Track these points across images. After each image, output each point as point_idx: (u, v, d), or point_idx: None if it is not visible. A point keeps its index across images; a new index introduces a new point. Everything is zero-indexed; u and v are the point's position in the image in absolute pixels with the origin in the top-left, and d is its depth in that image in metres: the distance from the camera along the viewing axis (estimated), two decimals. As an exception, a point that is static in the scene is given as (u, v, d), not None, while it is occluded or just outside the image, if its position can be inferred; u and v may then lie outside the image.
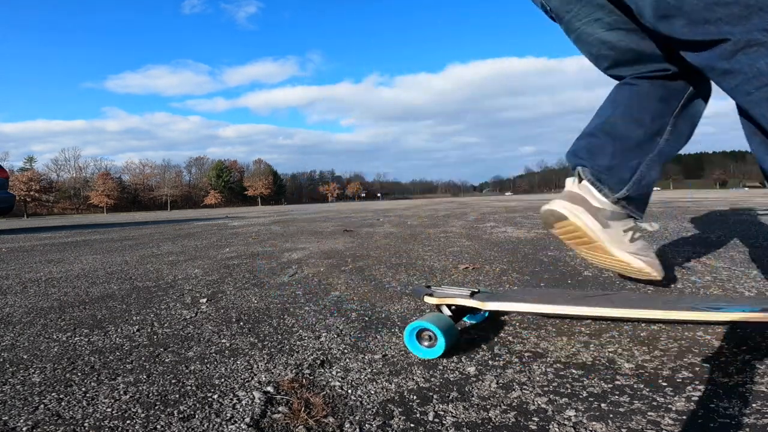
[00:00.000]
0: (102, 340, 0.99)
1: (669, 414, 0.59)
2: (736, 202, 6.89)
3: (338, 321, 1.07)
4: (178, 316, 1.17)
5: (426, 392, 0.68)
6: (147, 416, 0.63)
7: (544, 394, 0.66)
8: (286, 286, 1.51)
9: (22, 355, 0.92)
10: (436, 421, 0.59)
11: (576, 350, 0.82)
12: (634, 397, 0.64)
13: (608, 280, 1.40)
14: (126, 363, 0.85)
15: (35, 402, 0.69)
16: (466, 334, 0.93)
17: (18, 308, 1.34)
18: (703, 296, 1.16)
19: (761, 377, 0.67)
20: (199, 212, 23.40)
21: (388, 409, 0.63)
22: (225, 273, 1.83)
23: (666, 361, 0.76)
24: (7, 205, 6.16)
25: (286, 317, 1.12)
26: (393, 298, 1.27)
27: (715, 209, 5.09)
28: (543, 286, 1.36)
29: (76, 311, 1.27)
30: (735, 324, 0.93)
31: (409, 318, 1.07)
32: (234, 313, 1.17)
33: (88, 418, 0.64)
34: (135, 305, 1.31)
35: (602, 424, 0.57)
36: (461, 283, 1.45)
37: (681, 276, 1.42)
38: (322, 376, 0.75)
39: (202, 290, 1.49)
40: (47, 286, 1.71)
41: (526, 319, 1.02)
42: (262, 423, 0.60)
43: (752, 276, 1.38)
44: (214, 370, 0.80)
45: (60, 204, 74.34)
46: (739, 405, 0.60)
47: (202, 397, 0.69)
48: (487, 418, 0.59)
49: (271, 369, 0.79)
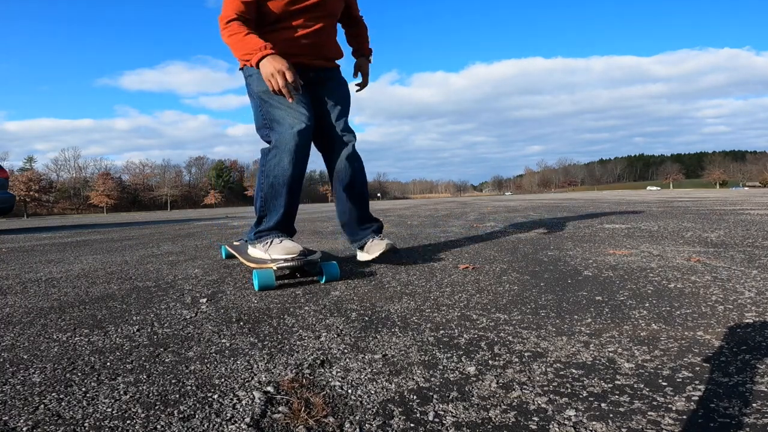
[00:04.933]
0: (102, 340, 0.99)
1: (669, 414, 0.59)
2: (736, 201, 6.90)
3: (338, 321, 1.07)
4: (178, 316, 1.17)
5: (426, 392, 0.68)
6: (147, 416, 0.63)
7: (544, 393, 0.66)
8: (286, 286, 1.51)
9: (22, 355, 0.92)
10: (436, 421, 0.59)
11: (576, 350, 0.82)
12: (634, 397, 0.64)
13: (608, 279, 1.40)
14: (126, 363, 0.85)
15: (35, 402, 0.69)
16: (467, 334, 0.93)
17: (18, 308, 1.34)
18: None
19: (761, 377, 0.67)
20: (199, 212, 23.39)
21: (388, 408, 0.63)
22: (225, 273, 1.83)
23: (666, 361, 0.76)
24: (7, 206, 6.15)
25: (286, 317, 1.12)
26: (393, 298, 1.27)
27: (714, 209, 5.09)
28: (543, 285, 1.36)
29: (76, 311, 1.27)
30: (735, 324, 0.93)
31: (410, 318, 1.07)
32: (234, 313, 1.17)
33: (88, 418, 0.64)
34: (135, 305, 1.31)
35: (602, 424, 0.57)
36: (461, 283, 1.45)
37: (681, 275, 1.42)
38: (322, 376, 0.75)
39: (202, 290, 1.49)
40: (47, 286, 1.71)
41: (526, 319, 1.02)
42: (262, 423, 0.60)
43: (752, 276, 1.38)
44: (214, 370, 0.80)
45: (60, 204, 74.30)
46: (739, 405, 0.60)
47: (202, 397, 0.69)
48: (487, 418, 0.59)
49: (271, 369, 0.79)
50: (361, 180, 1.77)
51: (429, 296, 1.28)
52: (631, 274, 1.48)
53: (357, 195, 1.77)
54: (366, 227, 1.81)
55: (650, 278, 1.40)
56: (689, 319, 0.98)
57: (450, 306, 1.16)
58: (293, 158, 1.55)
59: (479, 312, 1.10)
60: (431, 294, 1.31)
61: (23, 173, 67.50)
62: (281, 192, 1.60)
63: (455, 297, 1.26)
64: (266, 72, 1.45)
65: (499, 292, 1.30)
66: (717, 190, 50.39)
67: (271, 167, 1.59)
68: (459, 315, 1.08)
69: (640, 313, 1.03)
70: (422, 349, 0.86)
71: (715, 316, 0.99)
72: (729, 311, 1.02)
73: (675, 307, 1.08)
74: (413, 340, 0.91)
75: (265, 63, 1.46)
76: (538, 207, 7.30)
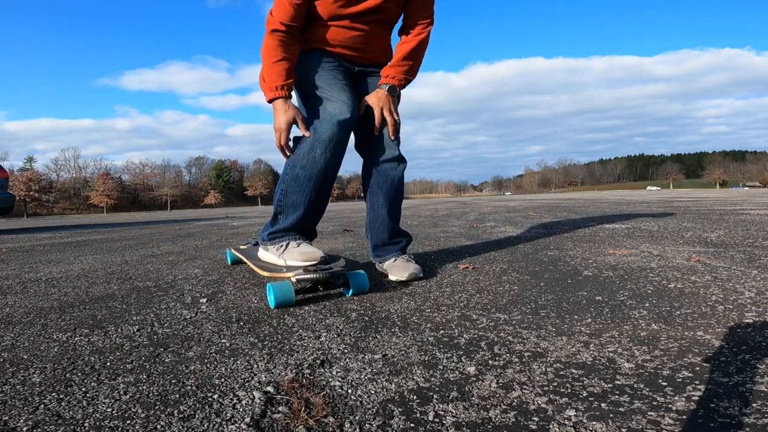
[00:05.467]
0: (102, 340, 0.99)
1: (669, 414, 0.59)
2: (736, 201, 6.90)
3: (338, 321, 1.07)
4: (178, 316, 1.17)
5: (426, 392, 0.68)
6: (147, 416, 0.63)
7: (544, 393, 0.66)
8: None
9: (22, 355, 0.92)
10: (436, 421, 0.59)
11: (576, 350, 0.82)
12: (634, 397, 0.64)
13: (608, 279, 1.40)
14: (126, 363, 0.85)
15: (35, 402, 0.69)
16: (467, 334, 0.93)
17: (18, 308, 1.34)
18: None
19: (761, 377, 0.67)
20: (198, 212, 23.40)
21: (388, 408, 0.63)
22: (225, 273, 1.83)
23: (666, 361, 0.76)
24: (7, 206, 6.15)
25: (286, 317, 1.12)
26: (393, 298, 1.27)
27: (714, 209, 5.09)
28: (543, 285, 1.36)
29: (76, 311, 1.27)
30: (735, 324, 0.93)
31: (410, 317, 1.07)
32: (234, 313, 1.17)
33: (88, 418, 0.64)
34: (135, 305, 1.31)
35: (602, 424, 0.57)
36: (461, 283, 1.45)
37: (681, 275, 1.42)
38: (322, 376, 0.75)
39: (202, 290, 1.49)
40: (47, 286, 1.71)
41: (526, 319, 1.02)
42: (262, 423, 0.60)
43: (752, 276, 1.38)
44: (214, 370, 0.80)
45: (60, 204, 74.28)
46: (739, 405, 0.60)
47: (202, 397, 0.69)
48: (487, 418, 0.59)
49: (271, 369, 0.79)
50: (399, 186, 1.59)
51: (429, 296, 1.28)
52: (631, 274, 1.48)
53: (392, 202, 1.59)
54: (394, 242, 1.64)
55: (650, 278, 1.40)
56: (689, 319, 0.98)
57: (450, 306, 1.16)
58: (327, 149, 1.40)
59: (479, 312, 1.10)
60: (431, 294, 1.31)
61: (23, 173, 67.49)
62: (306, 187, 1.43)
63: (455, 297, 1.26)
64: (275, 122, 1.41)
65: (499, 292, 1.30)
66: (717, 190, 50.40)
67: (299, 157, 1.42)
68: (459, 315, 1.08)
69: (640, 313, 1.03)
70: (422, 349, 0.86)
71: (715, 316, 0.99)
72: (729, 311, 1.02)
73: (675, 307, 1.08)
74: (413, 340, 0.91)
75: (276, 111, 1.40)
76: (538, 207, 7.31)
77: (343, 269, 1.29)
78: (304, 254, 1.36)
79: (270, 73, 1.41)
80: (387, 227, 1.60)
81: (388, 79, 1.51)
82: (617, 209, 5.68)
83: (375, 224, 1.61)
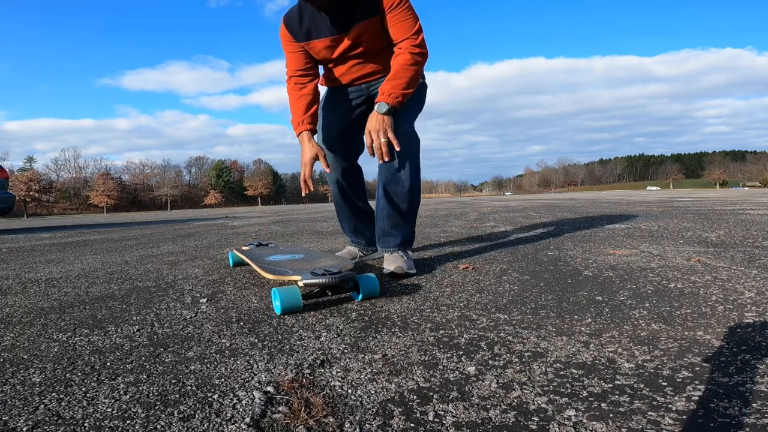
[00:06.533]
0: (102, 340, 0.99)
1: (669, 414, 0.59)
2: (736, 201, 6.90)
3: (338, 321, 1.07)
4: (178, 316, 1.17)
5: (426, 392, 0.68)
6: (147, 416, 0.63)
7: (544, 393, 0.66)
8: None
9: (22, 355, 0.92)
10: (436, 421, 0.59)
11: (576, 350, 0.82)
12: (634, 397, 0.64)
13: (608, 279, 1.40)
14: (126, 363, 0.85)
15: (35, 402, 0.69)
16: (467, 334, 0.93)
17: (18, 308, 1.34)
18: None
19: (761, 377, 0.67)
20: (199, 212, 23.40)
21: (388, 409, 0.63)
22: (225, 273, 1.83)
23: (666, 361, 0.76)
24: (7, 206, 6.15)
25: (285, 317, 1.12)
26: (393, 298, 1.27)
27: (714, 209, 5.09)
28: (543, 285, 1.36)
29: (76, 311, 1.27)
30: (735, 324, 0.93)
31: (410, 318, 1.07)
32: (234, 313, 1.17)
33: (88, 418, 0.64)
34: (135, 305, 1.31)
35: (602, 424, 0.57)
36: (461, 283, 1.45)
37: (681, 275, 1.42)
38: (322, 376, 0.75)
39: (202, 290, 1.49)
40: (47, 286, 1.71)
41: (526, 319, 1.02)
42: (262, 423, 0.60)
43: (752, 276, 1.38)
44: (214, 370, 0.80)
45: (60, 204, 74.29)
46: (739, 405, 0.60)
47: (202, 397, 0.69)
48: (487, 418, 0.59)
49: (271, 369, 0.79)
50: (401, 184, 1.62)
51: (429, 296, 1.28)
52: (631, 274, 1.48)
53: (394, 194, 1.64)
54: (394, 234, 1.69)
55: (650, 278, 1.40)
56: (689, 319, 0.98)
57: (450, 306, 1.16)
58: (337, 191, 1.93)
59: (479, 312, 1.10)
60: (431, 294, 1.31)
61: (23, 173, 67.49)
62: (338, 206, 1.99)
63: (455, 297, 1.26)
64: (301, 156, 1.67)
65: (499, 292, 1.30)
66: (717, 190, 50.39)
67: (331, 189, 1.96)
68: (459, 315, 1.08)
69: (640, 313, 1.03)
70: (422, 349, 0.86)
71: (715, 316, 0.99)
72: (729, 311, 1.02)
73: (675, 307, 1.08)
74: (413, 340, 0.91)
75: (303, 146, 1.66)
76: (538, 207, 7.31)
77: (352, 273, 1.27)
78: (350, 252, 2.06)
79: (293, 112, 1.70)
80: (386, 215, 1.70)
81: (383, 97, 1.53)
82: (617, 209, 5.68)
83: (377, 213, 1.75)
